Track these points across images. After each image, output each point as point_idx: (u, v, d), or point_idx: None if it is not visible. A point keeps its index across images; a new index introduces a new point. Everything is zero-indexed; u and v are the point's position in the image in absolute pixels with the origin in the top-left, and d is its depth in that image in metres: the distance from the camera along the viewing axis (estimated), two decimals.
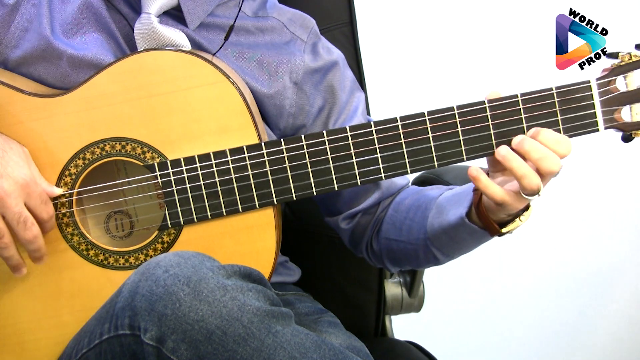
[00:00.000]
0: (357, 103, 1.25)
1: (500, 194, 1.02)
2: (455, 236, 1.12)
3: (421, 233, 1.16)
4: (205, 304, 0.90)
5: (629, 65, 1.04)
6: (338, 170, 1.07)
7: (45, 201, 1.06)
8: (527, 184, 1.01)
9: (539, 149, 1.01)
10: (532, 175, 1.01)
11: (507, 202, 1.02)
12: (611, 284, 2.28)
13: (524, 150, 1.01)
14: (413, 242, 1.19)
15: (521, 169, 1.01)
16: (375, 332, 1.52)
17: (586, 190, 2.18)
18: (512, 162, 1.02)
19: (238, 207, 1.08)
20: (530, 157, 1.01)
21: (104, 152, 1.09)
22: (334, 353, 0.96)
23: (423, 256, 1.19)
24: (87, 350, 1.01)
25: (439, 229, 1.13)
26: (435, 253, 1.17)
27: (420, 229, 1.16)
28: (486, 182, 1.02)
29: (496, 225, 1.06)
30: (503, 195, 1.02)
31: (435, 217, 1.14)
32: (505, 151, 1.02)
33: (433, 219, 1.14)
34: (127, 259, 1.10)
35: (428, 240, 1.16)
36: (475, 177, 1.02)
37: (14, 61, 1.14)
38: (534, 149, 1.01)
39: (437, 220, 1.13)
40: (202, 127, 1.08)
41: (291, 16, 1.24)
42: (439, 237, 1.14)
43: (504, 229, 1.07)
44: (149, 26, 1.11)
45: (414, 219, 1.18)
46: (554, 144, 1.01)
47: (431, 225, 1.15)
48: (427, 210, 1.16)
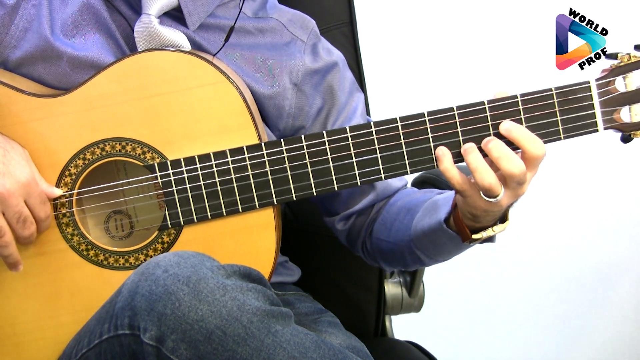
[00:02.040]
0: (357, 104, 1.25)
1: (458, 178, 1.02)
2: (435, 240, 1.12)
3: (406, 235, 1.17)
4: (205, 303, 0.91)
5: (628, 66, 1.04)
6: (338, 171, 1.07)
7: (43, 201, 1.07)
8: (479, 178, 1.00)
9: (499, 147, 1.01)
10: (485, 171, 1.00)
11: (465, 190, 1.02)
12: (611, 284, 2.28)
13: (486, 149, 1.01)
14: (399, 244, 1.19)
15: (474, 162, 1.01)
16: (375, 332, 1.52)
17: (586, 190, 2.18)
18: (469, 155, 1.02)
19: (238, 207, 1.08)
20: (491, 155, 1.01)
21: (104, 152, 1.09)
22: (333, 353, 0.96)
23: (409, 257, 1.20)
24: (87, 350, 1.01)
25: (421, 232, 1.13)
26: (419, 255, 1.18)
27: (406, 231, 1.17)
28: (448, 164, 1.02)
29: (467, 231, 1.06)
30: (462, 182, 1.02)
31: (419, 219, 1.14)
32: (467, 145, 1.03)
33: (417, 221, 1.15)
34: (127, 259, 1.10)
35: (412, 242, 1.16)
36: (439, 156, 1.03)
37: (14, 62, 1.14)
38: (495, 147, 1.01)
39: (420, 223, 1.14)
40: (202, 128, 1.08)
41: (291, 17, 1.24)
42: (421, 240, 1.15)
43: (476, 235, 1.06)
44: (149, 27, 1.11)
45: (403, 220, 1.18)
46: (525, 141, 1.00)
47: (414, 227, 1.15)
48: (414, 213, 1.16)
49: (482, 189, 1.01)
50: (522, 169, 0.99)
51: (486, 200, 1.01)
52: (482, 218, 1.04)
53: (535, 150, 1.00)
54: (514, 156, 1.00)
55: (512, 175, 1.00)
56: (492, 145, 1.01)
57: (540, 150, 1.00)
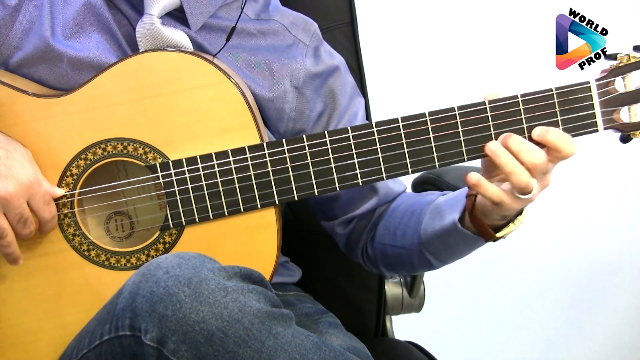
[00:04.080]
0: (357, 108, 1.25)
1: (497, 193, 1.02)
2: (448, 241, 1.12)
3: (415, 238, 1.17)
4: (206, 305, 0.91)
5: (628, 66, 1.04)
6: (339, 171, 1.07)
7: (48, 202, 1.07)
8: (517, 180, 1.00)
9: (519, 141, 1.01)
10: (521, 172, 1.01)
11: (504, 201, 1.02)
12: (611, 284, 2.28)
13: (506, 145, 1.02)
14: (407, 247, 1.19)
15: (509, 165, 1.01)
16: (375, 333, 1.52)
17: (586, 190, 2.19)
18: (501, 157, 1.02)
19: (240, 207, 1.08)
20: (511, 149, 1.01)
21: (105, 152, 1.09)
22: (334, 354, 0.96)
23: (417, 261, 1.20)
24: (87, 351, 1.01)
25: (432, 235, 1.13)
26: (429, 258, 1.17)
27: (414, 234, 1.17)
28: (485, 185, 1.02)
29: (491, 230, 1.07)
30: (500, 195, 1.02)
31: (428, 222, 1.14)
32: (495, 147, 1.03)
33: (427, 224, 1.15)
34: (129, 259, 1.10)
35: (422, 245, 1.16)
36: (476, 183, 1.02)
37: (15, 62, 1.14)
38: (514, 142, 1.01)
39: (431, 225, 1.14)
40: (204, 128, 1.08)
41: (293, 19, 1.24)
42: (432, 242, 1.15)
43: (499, 233, 1.07)
44: (151, 27, 1.11)
45: (408, 224, 1.18)
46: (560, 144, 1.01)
47: (424, 230, 1.15)
48: (421, 216, 1.16)
49: (518, 189, 1.01)
50: (543, 158, 1.01)
51: (522, 200, 1.02)
52: (505, 210, 1.05)
53: (569, 149, 1.01)
54: (533, 147, 1.01)
55: (536, 166, 1.00)
56: (511, 140, 1.02)
57: (573, 149, 1.02)
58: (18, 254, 1.07)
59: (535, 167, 1.01)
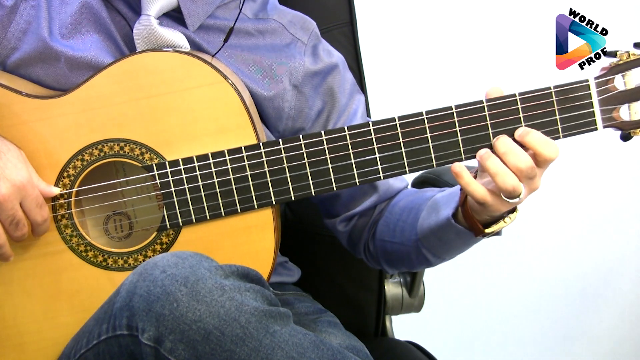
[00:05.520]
0: (357, 106, 1.25)
1: (480, 192, 1.02)
2: (443, 237, 1.12)
3: (412, 234, 1.17)
4: (203, 304, 0.91)
5: (628, 64, 1.04)
6: (336, 171, 1.07)
7: (40, 204, 1.06)
8: (501, 182, 1.00)
9: (505, 143, 1.01)
10: (506, 174, 1.00)
11: (488, 201, 1.02)
12: (611, 284, 2.28)
13: (500, 152, 1.01)
14: (405, 244, 1.19)
15: (494, 167, 1.01)
16: (375, 332, 1.52)
17: (585, 189, 2.18)
18: (487, 160, 1.01)
19: (237, 207, 1.08)
20: (497, 151, 1.01)
21: (102, 153, 1.09)
22: (332, 353, 0.96)
23: (415, 257, 1.19)
24: (85, 351, 1.01)
25: (428, 230, 1.13)
26: (426, 254, 1.17)
27: (412, 230, 1.17)
28: (468, 179, 1.02)
29: (480, 226, 1.06)
30: (484, 194, 1.02)
31: (425, 218, 1.14)
32: (482, 151, 1.03)
33: (423, 220, 1.14)
34: (126, 260, 1.10)
35: (419, 241, 1.16)
36: (457, 172, 1.02)
37: (12, 63, 1.14)
38: (501, 143, 1.01)
39: (427, 221, 1.13)
40: (201, 128, 1.08)
41: (292, 18, 1.24)
42: (428, 238, 1.14)
43: (488, 229, 1.06)
44: (148, 28, 1.11)
45: (407, 220, 1.18)
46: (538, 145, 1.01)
47: (421, 226, 1.15)
48: (419, 212, 1.16)
49: (504, 192, 1.01)
50: (528, 162, 1.00)
51: (509, 203, 1.01)
52: (491, 211, 1.04)
53: (549, 153, 1.00)
54: (519, 150, 1.00)
55: (520, 170, 1.00)
56: (499, 142, 1.02)
57: (554, 153, 1.01)
58: (9, 252, 1.07)
59: (520, 171, 1.00)
